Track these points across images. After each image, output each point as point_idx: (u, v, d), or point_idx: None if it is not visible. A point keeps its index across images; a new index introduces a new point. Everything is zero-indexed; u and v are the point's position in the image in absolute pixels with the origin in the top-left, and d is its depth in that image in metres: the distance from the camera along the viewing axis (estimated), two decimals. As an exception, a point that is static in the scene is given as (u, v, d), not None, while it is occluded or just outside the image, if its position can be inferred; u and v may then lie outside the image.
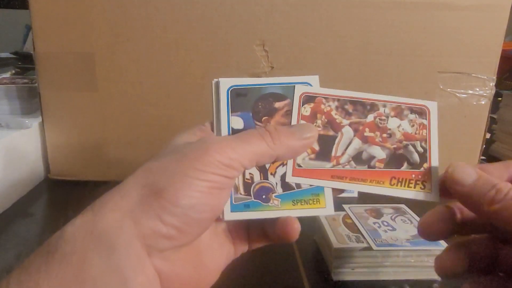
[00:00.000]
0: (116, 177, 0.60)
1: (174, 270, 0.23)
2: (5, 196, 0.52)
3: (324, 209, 0.27)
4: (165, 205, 0.22)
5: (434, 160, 0.29)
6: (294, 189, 0.27)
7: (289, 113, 0.29)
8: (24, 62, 1.05)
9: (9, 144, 0.53)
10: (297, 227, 0.26)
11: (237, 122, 0.28)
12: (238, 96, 0.29)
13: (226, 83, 0.29)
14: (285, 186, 0.27)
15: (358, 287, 0.38)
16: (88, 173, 0.60)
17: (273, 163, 0.27)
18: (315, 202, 0.27)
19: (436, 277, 0.39)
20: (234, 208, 0.27)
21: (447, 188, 0.26)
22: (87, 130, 0.59)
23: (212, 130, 0.29)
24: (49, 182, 0.60)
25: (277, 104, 0.29)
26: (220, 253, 0.28)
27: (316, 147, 0.28)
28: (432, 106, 0.30)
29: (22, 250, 0.44)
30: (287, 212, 0.27)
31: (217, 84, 0.29)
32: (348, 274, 0.39)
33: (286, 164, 0.28)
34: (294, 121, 0.28)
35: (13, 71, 0.94)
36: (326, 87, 0.29)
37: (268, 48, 0.55)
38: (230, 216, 0.26)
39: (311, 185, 0.28)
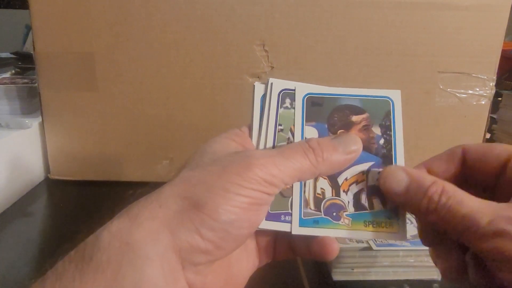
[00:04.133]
0: (116, 177, 0.60)
1: (206, 284, 0.23)
2: (5, 196, 0.52)
3: (396, 234, 0.26)
4: (205, 219, 0.21)
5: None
6: (367, 209, 0.26)
7: (366, 128, 0.27)
8: (24, 62, 1.05)
9: (9, 144, 0.53)
10: (336, 248, 0.25)
11: (311, 133, 0.27)
12: (313, 105, 0.28)
13: (302, 90, 0.28)
14: (358, 205, 0.26)
15: (358, 287, 0.38)
16: (88, 173, 0.60)
17: (346, 180, 0.27)
18: (387, 226, 0.26)
19: (436, 277, 0.39)
20: (302, 223, 0.25)
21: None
22: (87, 130, 0.59)
23: (250, 135, 0.28)
24: (49, 182, 0.60)
25: (355, 118, 0.28)
26: (247, 264, 0.27)
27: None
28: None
29: (22, 250, 0.44)
30: (358, 233, 0.26)
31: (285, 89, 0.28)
32: (348, 274, 0.38)
33: (361, 182, 0.27)
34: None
35: (13, 71, 0.93)
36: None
37: (268, 48, 0.55)
38: (298, 230, 0.25)
39: (385, 208, 0.26)
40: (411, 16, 0.54)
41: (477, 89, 0.58)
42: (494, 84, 0.57)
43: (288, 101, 0.28)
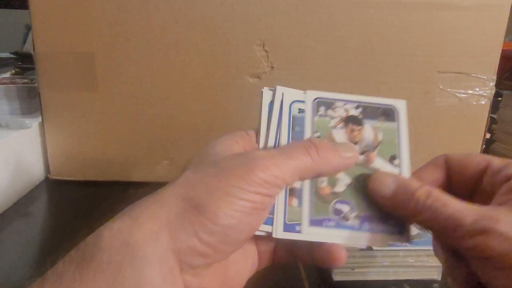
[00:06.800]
0: (116, 177, 0.60)
1: (203, 285, 0.23)
2: (5, 196, 0.52)
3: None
4: (204, 222, 0.21)
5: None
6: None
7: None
8: (24, 62, 1.05)
9: (9, 144, 0.53)
10: (344, 255, 0.25)
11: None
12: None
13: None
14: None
15: (358, 287, 0.38)
16: (88, 173, 0.60)
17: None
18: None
19: (436, 277, 0.39)
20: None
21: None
22: (87, 130, 0.59)
23: (256, 140, 0.28)
24: (49, 182, 0.60)
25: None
26: (245, 266, 0.27)
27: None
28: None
29: (22, 250, 0.44)
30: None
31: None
32: (348, 274, 0.39)
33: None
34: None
35: (13, 71, 0.94)
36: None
37: (268, 48, 0.55)
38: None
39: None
40: (411, 16, 0.54)
41: (477, 89, 0.58)
42: (494, 84, 0.57)
43: (322, 109, 0.28)
